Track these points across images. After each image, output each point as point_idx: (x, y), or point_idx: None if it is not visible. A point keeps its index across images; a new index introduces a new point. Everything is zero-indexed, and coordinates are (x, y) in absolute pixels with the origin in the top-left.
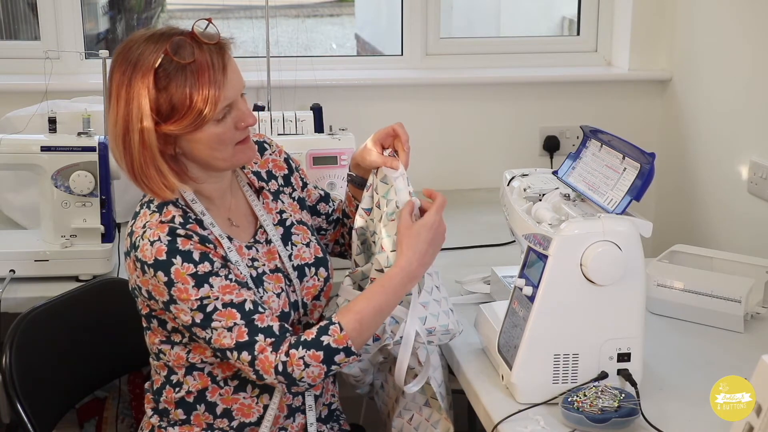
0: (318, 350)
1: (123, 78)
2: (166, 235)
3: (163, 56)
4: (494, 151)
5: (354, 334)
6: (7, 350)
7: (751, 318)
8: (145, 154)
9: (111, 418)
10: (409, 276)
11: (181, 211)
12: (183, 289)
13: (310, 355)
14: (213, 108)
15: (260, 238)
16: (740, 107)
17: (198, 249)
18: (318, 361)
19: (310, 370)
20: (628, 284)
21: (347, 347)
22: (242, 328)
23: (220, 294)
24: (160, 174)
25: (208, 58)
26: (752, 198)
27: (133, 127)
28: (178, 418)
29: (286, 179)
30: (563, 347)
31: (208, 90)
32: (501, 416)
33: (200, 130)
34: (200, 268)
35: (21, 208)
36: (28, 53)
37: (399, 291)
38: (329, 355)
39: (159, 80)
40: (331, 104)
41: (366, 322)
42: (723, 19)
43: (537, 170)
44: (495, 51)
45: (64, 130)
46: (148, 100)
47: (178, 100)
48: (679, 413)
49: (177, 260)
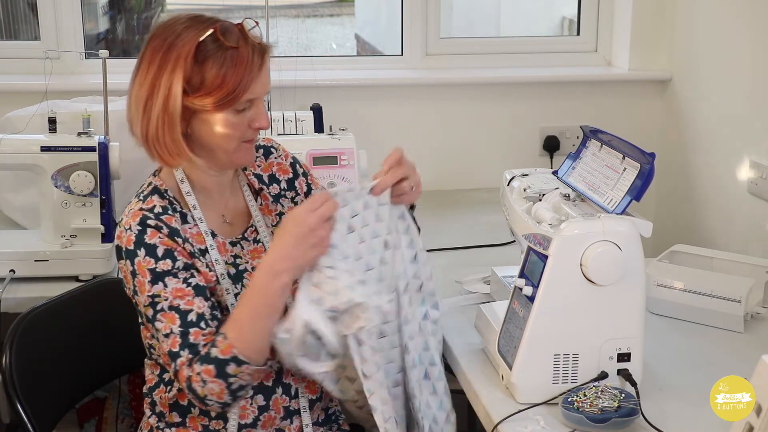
0: (209, 364)
1: (162, 44)
2: (136, 225)
3: (210, 32)
4: (494, 151)
5: (237, 342)
6: (7, 350)
7: (751, 318)
8: (165, 119)
9: (111, 418)
10: (271, 272)
11: (167, 202)
12: (142, 282)
13: (204, 371)
14: (239, 95)
15: (249, 236)
16: (740, 107)
17: (164, 244)
18: (212, 375)
19: (209, 386)
20: (628, 284)
21: (234, 356)
22: (176, 339)
23: (170, 296)
24: (174, 140)
25: (250, 51)
26: (752, 198)
27: (160, 90)
28: (174, 420)
29: (290, 183)
30: (563, 347)
31: (240, 77)
32: (501, 416)
33: (218, 113)
34: (159, 265)
35: (21, 208)
36: (28, 53)
37: (267, 288)
38: (220, 368)
39: (199, 53)
40: (331, 104)
41: (246, 328)
42: (723, 19)
43: (537, 170)
44: (495, 51)
45: (64, 130)
46: (184, 68)
47: (211, 77)
48: (679, 413)
49: (141, 252)
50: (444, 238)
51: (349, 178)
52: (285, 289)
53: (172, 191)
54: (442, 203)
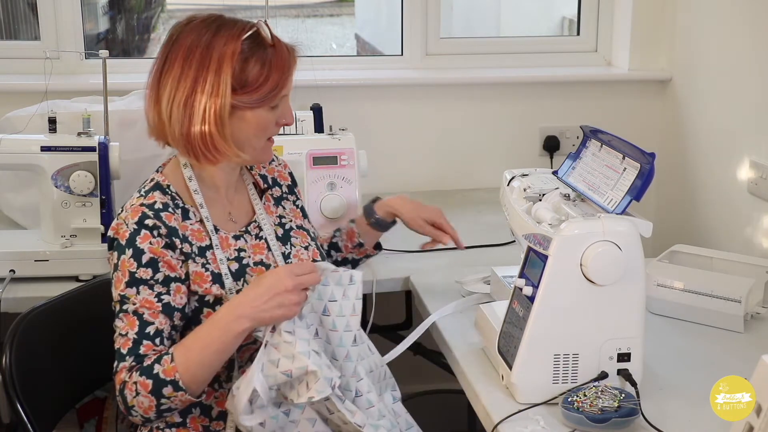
0: (148, 378)
1: (199, 40)
2: (134, 222)
3: (254, 31)
4: (494, 151)
5: (182, 368)
6: (7, 350)
7: (751, 318)
8: (213, 117)
9: (111, 418)
10: (234, 313)
11: (168, 198)
12: (119, 278)
13: (141, 383)
14: (278, 92)
15: (252, 230)
16: (740, 107)
17: (152, 252)
18: (147, 390)
19: (140, 399)
20: (628, 284)
21: (174, 380)
22: (128, 342)
23: (138, 303)
24: (223, 137)
25: (285, 48)
26: (752, 198)
27: (205, 89)
28: (174, 420)
29: (290, 189)
30: (563, 347)
31: (280, 74)
32: (501, 416)
33: (257, 110)
34: (140, 272)
35: (21, 208)
36: (28, 53)
37: (226, 327)
38: (157, 386)
39: (244, 50)
40: (331, 104)
41: (193, 357)
42: (723, 19)
43: (537, 170)
44: (495, 51)
45: (64, 130)
46: (231, 66)
47: (254, 74)
48: (679, 413)
49: (128, 252)
50: None
51: (349, 178)
52: (241, 335)
53: (175, 187)
54: (442, 203)
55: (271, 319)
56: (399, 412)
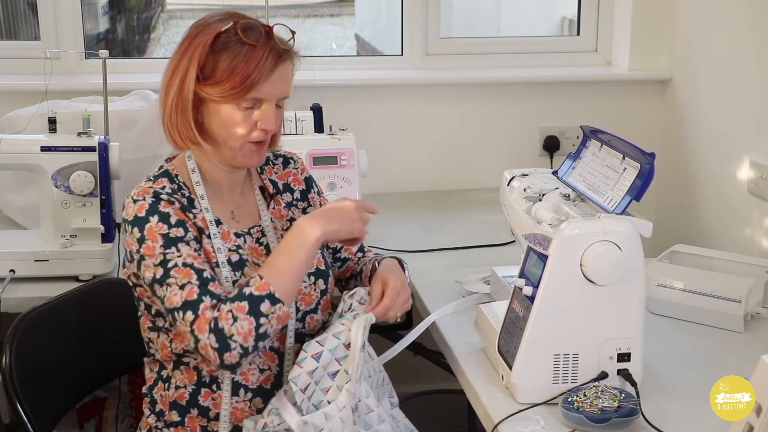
0: (242, 301)
1: (194, 31)
2: (150, 196)
3: (231, 25)
4: (494, 151)
5: (273, 280)
6: (7, 350)
7: (751, 318)
8: (178, 102)
9: (111, 418)
10: (307, 224)
11: (176, 186)
12: (151, 246)
13: (237, 307)
14: (244, 91)
15: (254, 234)
16: (740, 107)
17: (177, 215)
18: (244, 312)
19: (239, 324)
20: (628, 284)
21: (270, 293)
22: (194, 288)
23: (183, 257)
24: (185, 124)
25: (267, 52)
26: (752, 198)
27: (178, 74)
28: (173, 420)
29: (303, 194)
30: (563, 347)
31: (249, 73)
32: (501, 416)
33: (224, 105)
34: (173, 232)
35: (21, 208)
36: (28, 53)
37: (302, 238)
38: (254, 304)
39: (217, 43)
40: (331, 104)
41: (280, 270)
42: (723, 19)
43: (537, 170)
44: (495, 51)
45: (64, 130)
46: (200, 55)
47: (222, 68)
48: (679, 413)
49: (153, 219)
50: (444, 238)
51: (349, 178)
52: (316, 243)
53: (182, 177)
54: (442, 203)
55: (338, 231)
56: (398, 417)
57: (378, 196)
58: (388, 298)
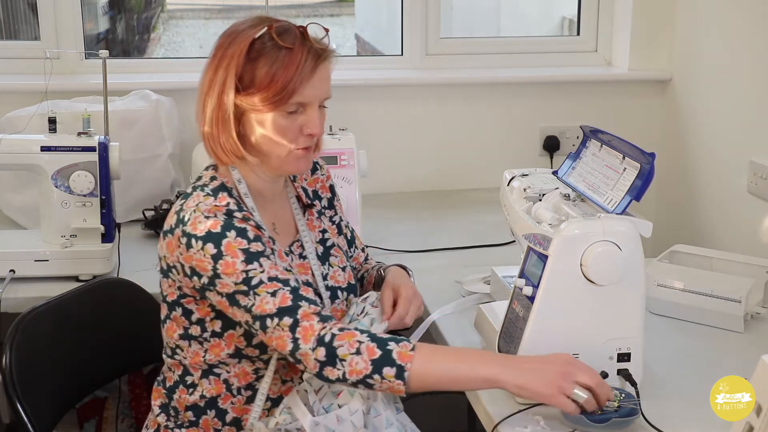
0: (379, 348)
1: (226, 41)
2: (223, 214)
3: (265, 30)
4: (494, 151)
5: (418, 362)
6: (7, 350)
7: (751, 318)
8: (219, 116)
9: (111, 418)
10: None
11: (235, 201)
12: (231, 262)
13: (369, 346)
14: (287, 97)
15: (295, 250)
16: (740, 107)
17: (253, 230)
18: (371, 356)
19: (358, 358)
20: (628, 284)
21: (403, 367)
22: (286, 294)
23: (266, 271)
24: (228, 138)
25: (306, 54)
26: (752, 198)
27: (215, 87)
28: (188, 419)
29: (330, 202)
30: (563, 347)
31: (290, 78)
32: (501, 416)
33: (268, 114)
34: (252, 246)
35: (21, 208)
36: (28, 53)
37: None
38: (383, 360)
39: (252, 51)
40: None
41: (434, 362)
42: (723, 19)
43: (537, 170)
44: (495, 51)
45: (64, 130)
46: (236, 66)
47: (261, 76)
48: (679, 413)
49: (231, 234)
50: (444, 238)
51: (349, 178)
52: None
53: (235, 191)
54: (442, 203)
55: (524, 385)
56: (404, 422)
57: (378, 196)
58: (401, 307)
